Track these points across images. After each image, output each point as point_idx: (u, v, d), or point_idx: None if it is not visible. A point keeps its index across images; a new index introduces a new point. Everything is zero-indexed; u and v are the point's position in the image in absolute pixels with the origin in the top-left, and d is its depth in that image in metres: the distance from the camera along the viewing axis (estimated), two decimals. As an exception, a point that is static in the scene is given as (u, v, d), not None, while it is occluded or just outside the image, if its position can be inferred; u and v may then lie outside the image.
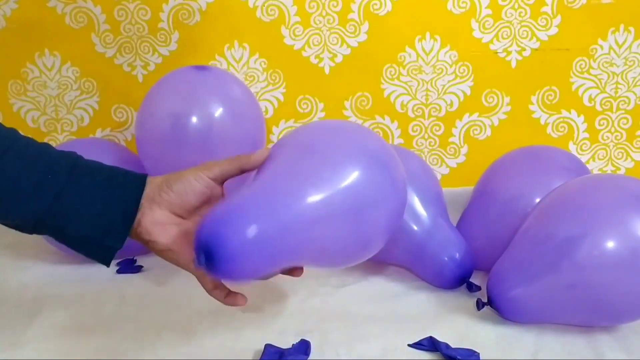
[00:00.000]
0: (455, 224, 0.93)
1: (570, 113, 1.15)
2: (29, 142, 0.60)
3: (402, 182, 0.64)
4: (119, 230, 0.60)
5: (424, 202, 0.83)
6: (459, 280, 0.82)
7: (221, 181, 0.62)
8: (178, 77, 0.93)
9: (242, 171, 0.63)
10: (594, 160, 1.17)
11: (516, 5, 1.09)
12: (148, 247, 0.62)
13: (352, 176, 0.59)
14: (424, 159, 1.16)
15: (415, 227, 0.82)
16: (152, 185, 0.61)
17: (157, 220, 0.61)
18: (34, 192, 0.57)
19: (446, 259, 0.82)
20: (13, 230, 1.14)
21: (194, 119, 0.87)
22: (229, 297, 0.63)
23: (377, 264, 0.89)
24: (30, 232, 0.61)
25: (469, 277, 0.83)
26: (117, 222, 0.59)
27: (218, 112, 0.88)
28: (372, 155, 0.61)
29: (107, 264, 0.62)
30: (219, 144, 0.88)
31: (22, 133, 0.60)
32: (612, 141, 1.16)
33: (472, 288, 0.82)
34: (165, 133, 0.88)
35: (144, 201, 0.60)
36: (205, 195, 0.62)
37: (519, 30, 1.10)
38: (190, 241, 0.60)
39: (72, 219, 0.58)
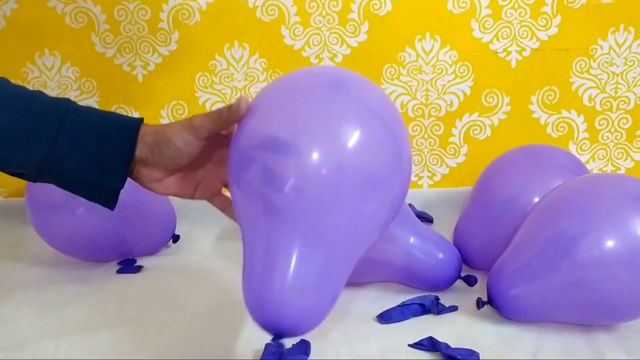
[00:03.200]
0: (455, 224, 0.93)
1: (570, 113, 1.15)
2: (19, 91, 0.60)
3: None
4: (118, 169, 0.60)
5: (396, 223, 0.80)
6: (450, 280, 0.82)
7: (208, 137, 0.61)
8: None
9: (227, 126, 0.61)
10: (594, 160, 1.17)
11: (516, 5, 1.09)
12: None
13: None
14: (423, 158, 1.17)
15: (394, 251, 0.81)
16: (142, 144, 0.60)
17: (154, 177, 0.62)
18: (28, 140, 0.57)
19: (432, 261, 0.81)
20: (13, 231, 1.15)
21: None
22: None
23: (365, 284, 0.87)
24: (34, 180, 0.61)
25: (459, 273, 0.83)
26: (114, 162, 0.59)
27: None
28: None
29: (112, 207, 0.62)
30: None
31: (10, 82, 0.60)
32: (612, 141, 1.16)
33: (470, 282, 0.82)
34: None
35: (136, 160, 0.60)
36: (196, 153, 0.61)
37: (519, 30, 1.10)
38: (189, 182, 0.63)
39: (70, 163, 0.59)
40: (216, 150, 0.63)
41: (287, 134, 0.53)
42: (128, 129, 0.60)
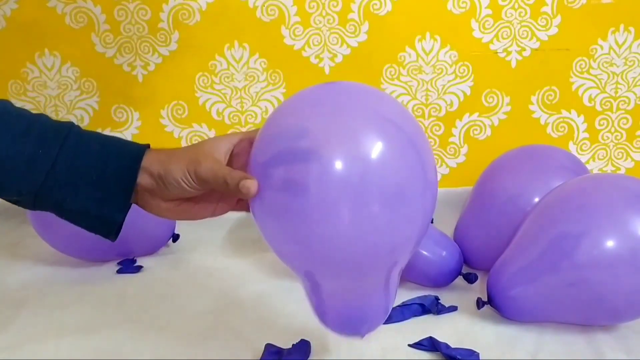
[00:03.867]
0: (455, 224, 0.93)
1: (570, 113, 1.15)
2: (21, 114, 0.57)
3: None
4: (117, 201, 0.57)
5: None
6: (452, 275, 0.83)
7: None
8: None
9: (228, 195, 0.58)
10: (594, 160, 1.17)
11: (516, 5, 1.09)
12: None
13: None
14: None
15: None
16: (147, 175, 0.57)
17: (163, 207, 0.59)
18: (27, 167, 0.55)
19: (435, 258, 0.82)
20: (13, 231, 1.15)
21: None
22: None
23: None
24: (31, 208, 0.58)
25: (461, 268, 0.83)
26: (114, 192, 0.57)
27: None
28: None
29: (113, 238, 0.60)
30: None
31: (13, 105, 0.58)
32: (612, 141, 1.16)
33: (471, 280, 0.82)
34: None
35: (142, 190, 0.57)
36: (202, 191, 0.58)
37: (519, 30, 1.10)
38: (203, 205, 0.59)
39: (69, 192, 0.56)
40: None
41: (306, 142, 0.51)
42: (130, 157, 0.57)
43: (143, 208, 0.59)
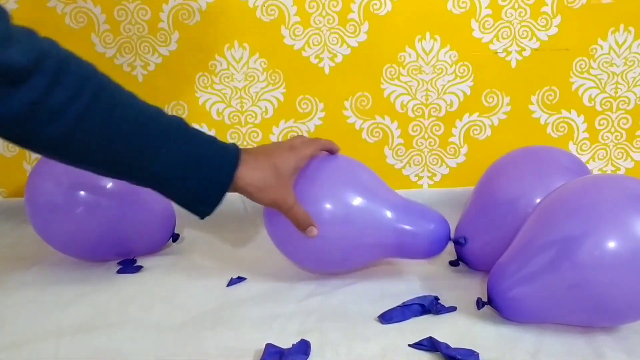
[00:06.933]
0: (455, 224, 0.93)
1: (570, 113, 1.15)
2: (143, 107, 0.68)
3: None
4: (212, 200, 0.72)
5: (378, 206, 0.83)
6: (442, 244, 0.85)
7: None
8: None
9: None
10: (594, 160, 1.17)
11: (516, 5, 1.09)
12: None
13: None
14: (423, 158, 1.17)
15: (382, 232, 0.82)
16: (246, 182, 0.73)
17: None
18: (146, 156, 0.67)
19: (421, 231, 0.84)
20: (13, 231, 1.15)
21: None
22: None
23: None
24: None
25: (449, 235, 0.86)
26: (212, 192, 0.71)
27: None
28: None
29: (202, 217, 0.73)
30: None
31: (138, 97, 0.69)
32: (612, 141, 1.16)
33: (460, 243, 0.85)
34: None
35: (239, 187, 0.73)
36: None
37: (519, 30, 1.10)
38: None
39: (172, 186, 0.70)
40: None
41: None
42: (226, 162, 0.72)
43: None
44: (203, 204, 0.72)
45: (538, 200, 0.81)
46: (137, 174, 0.68)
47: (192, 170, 0.69)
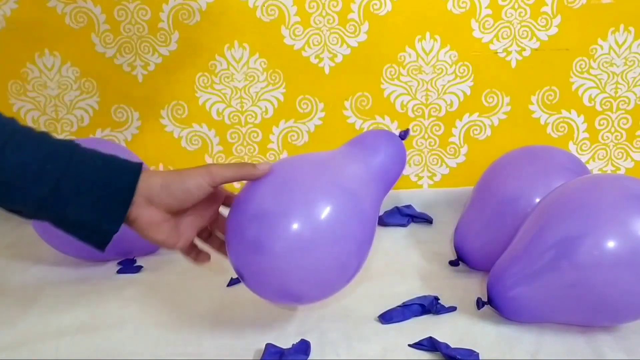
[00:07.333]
0: (455, 224, 0.93)
1: (570, 113, 1.15)
2: (29, 132, 0.61)
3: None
4: (115, 214, 0.62)
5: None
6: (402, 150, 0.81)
7: (221, 184, 0.66)
8: None
9: (245, 179, 0.66)
10: (594, 160, 1.17)
11: (516, 5, 1.09)
12: (138, 234, 0.66)
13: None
14: (423, 158, 1.17)
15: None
16: (149, 183, 0.63)
17: (154, 220, 0.64)
18: (34, 180, 0.59)
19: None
20: (13, 231, 1.14)
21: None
22: (199, 256, 0.73)
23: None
24: (31, 217, 0.62)
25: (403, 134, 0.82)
26: (113, 207, 0.62)
27: None
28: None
29: (103, 249, 0.64)
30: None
31: (19, 123, 0.62)
32: (612, 141, 1.16)
33: (403, 136, 0.81)
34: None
35: (141, 199, 0.63)
36: (204, 199, 0.66)
37: (519, 30, 1.10)
38: (178, 231, 0.67)
39: (70, 205, 0.61)
40: (203, 204, 0.68)
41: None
42: (129, 171, 0.63)
43: (132, 224, 0.65)
44: (107, 219, 0.62)
45: (538, 200, 0.81)
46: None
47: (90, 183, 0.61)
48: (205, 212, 0.70)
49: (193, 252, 0.72)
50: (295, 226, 0.64)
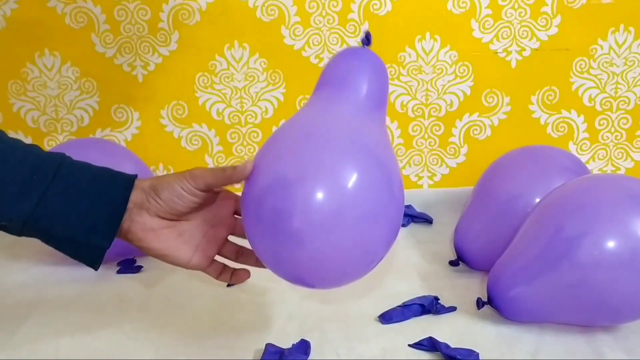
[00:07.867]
0: (455, 224, 0.93)
1: (570, 113, 1.15)
2: (15, 144, 0.60)
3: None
4: (105, 229, 0.60)
5: None
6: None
7: (209, 190, 0.62)
8: None
9: (228, 184, 0.62)
10: (594, 160, 1.17)
11: (516, 5, 1.09)
12: (142, 251, 0.63)
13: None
14: (423, 158, 1.17)
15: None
16: (138, 190, 0.61)
17: (148, 226, 0.61)
18: (19, 194, 0.57)
19: None
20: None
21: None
22: (234, 277, 0.67)
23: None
24: (18, 234, 0.60)
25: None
26: (103, 220, 0.60)
27: None
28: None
29: (96, 267, 0.63)
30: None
31: (7, 135, 0.60)
32: (612, 141, 1.16)
33: (363, 42, 0.76)
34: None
35: (132, 206, 0.60)
36: (195, 203, 0.62)
37: (519, 30, 1.10)
38: (185, 240, 0.63)
39: (58, 219, 0.59)
40: (210, 210, 0.65)
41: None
42: (122, 186, 0.61)
43: (126, 236, 0.62)
44: (97, 233, 0.60)
45: (537, 200, 0.81)
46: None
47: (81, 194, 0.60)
48: (211, 217, 0.66)
49: (225, 273, 0.67)
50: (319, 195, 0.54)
